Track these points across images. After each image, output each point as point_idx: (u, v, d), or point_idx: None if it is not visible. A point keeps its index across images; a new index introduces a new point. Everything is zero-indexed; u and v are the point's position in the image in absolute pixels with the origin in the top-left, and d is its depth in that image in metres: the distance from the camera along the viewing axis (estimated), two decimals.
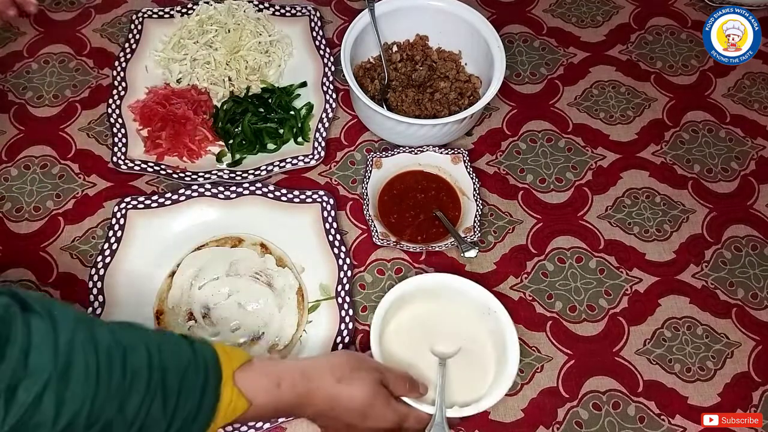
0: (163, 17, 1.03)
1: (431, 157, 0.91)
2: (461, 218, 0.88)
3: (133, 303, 0.80)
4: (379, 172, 0.89)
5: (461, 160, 0.90)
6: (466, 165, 0.90)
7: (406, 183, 0.90)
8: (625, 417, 0.77)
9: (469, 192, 0.89)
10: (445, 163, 0.91)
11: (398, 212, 0.88)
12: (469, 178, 0.89)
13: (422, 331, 0.77)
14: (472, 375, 0.74)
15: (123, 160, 0.89)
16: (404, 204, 0.88)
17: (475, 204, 0.87)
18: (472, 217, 0.86)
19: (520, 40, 1.08)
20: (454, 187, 0.90)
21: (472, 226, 0.85)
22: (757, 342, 0.82)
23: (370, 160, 0.90)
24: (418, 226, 0.87)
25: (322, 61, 1.00)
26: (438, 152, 0.91)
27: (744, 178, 0.95)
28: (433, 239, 0.86)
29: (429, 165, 0.91)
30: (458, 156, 0.91)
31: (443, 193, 0.90)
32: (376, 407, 0.64)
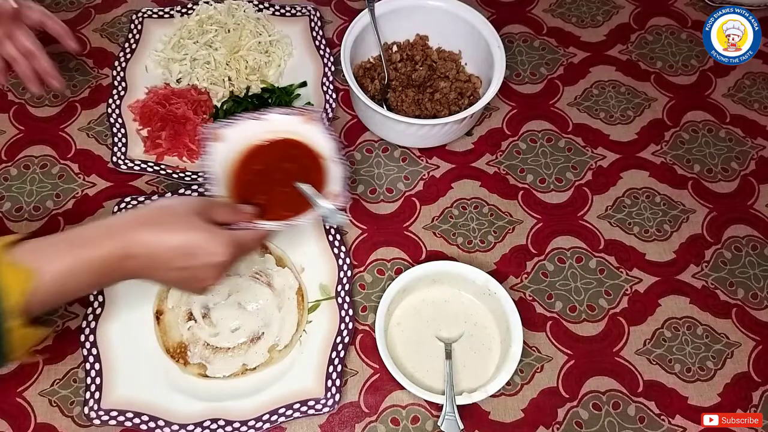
0: (163, 17, 1.03)
1: (280, 121, 0.80)
2: (325, 184, 0.76)
3: (133, 303, 0.80)
4: (224, 146, 0.77)
5: (315, 119, 0.79)
6: (324, 123, 0.80)
7: (272, 155, 0.79)
8: (625, 417, 0.77)
9: (330, 153, 0.78)
10: (297, 126, 0.80)
11: (268, 191, 0.76)
12: (328, 137, 0.79)
13: (426, 318, 0.81)
14: (478, 358, 0.78)
15: (123, 160, 0.89)
16: (271, 180, 0.77)
17: (340, 166, 0.76)
18: (339, 180, 0.76)
19: (520, 40, 1.08)
20: (313, 150, 0.79)
21: (338, 191, 0.74)
22: (757, 342, 0.82)
23: (206, 133, 0.77)
24: (283, 201, 0.76)
25: (322, 61, 1.00)
26: (284, 114, 0.80)
27: (744, 178, 0.95)
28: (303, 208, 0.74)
29: (279, 131, 0.80)
30: (310, 115, 0.80)
31: (306, 160, 0.79)
32: (200, 241, 0.61)
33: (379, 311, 0.77)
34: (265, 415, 0.74)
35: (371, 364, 0.79)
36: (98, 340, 0.77)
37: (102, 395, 0.74)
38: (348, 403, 0.77)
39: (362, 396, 0.77)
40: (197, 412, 0.74)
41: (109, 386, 0.75)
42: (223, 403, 0.75)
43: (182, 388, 0.76)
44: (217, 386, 0.77)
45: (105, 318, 0.79)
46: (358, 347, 0.80)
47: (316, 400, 0.75)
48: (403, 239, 0.88)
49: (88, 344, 0.77)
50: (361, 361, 0.79)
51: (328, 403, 0.74)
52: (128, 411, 0.73)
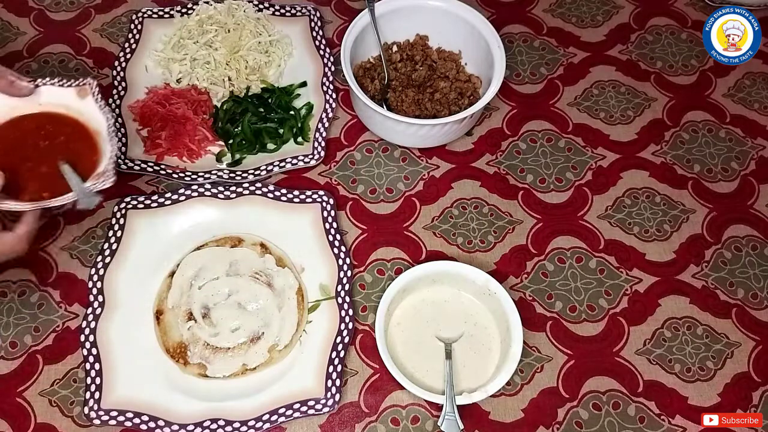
0: (163, 17, 1.03)
1: (52, 93, 0.74)
2: (98, 163, 0.72)
3: (133, 303, 0.81)
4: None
5: (89, 93, 0.74)
6: (96, 98, 0.74)
7: (23, 129, 0.73)
8: (625, 417, 0.77)
9: (103, 129, 0.73)
10: (71, 100, 0.74)
11: (11, 167, 0.69)
12: (101, 113, 0.73)
13: (426, 318, 0.81)
14: (478, 358, 0.78)
15: (123, 160, 0.89)
16: (19, 155, 0.71)
17: (111, 144, 0.71)
18: (107, 159, 0.71)
19: (520, 40, 1.08)
20: (86, 126, 0.74)
21: (103, 171, 0.69)
22: (757, 342, 0.82)
23: None
24: (41, 181, 0.70)
25: (322, 61, 1.00)
26: (57, 85, 0.74)
27: (744, 178, 0.95)
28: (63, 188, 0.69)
29: (53, 104, 0.74)
30: (84, 88, 0.74)
31: (77, 138, 0.74)
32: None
33: (379, 311, 0.77)
34: (265, 415, 0.74)
35: (371, 364, 0.79)
36: (98, 340, 0.77)
37: (102, 395, 0.74)
38: (348, 403, 0.77)
39: (362, 396, 0.77)
40: (197, 412, 0.74)
41: (109, 386, 0.75)
42: (223, 403, 0.75)
43: (182, 388, 0.76)
44: (217, 386, 0.77)
45: (105, 318, 0.79)
46: (358, 347, 0.80)
47: (316, 400, 0.75)
48: (403, 239, 0.88)
49: (88, 344, 0.77)
50: (361, 361, 0.79)
51: (328, 403, 0.74)
52: (128, 411, 0.73)
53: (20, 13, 1.06)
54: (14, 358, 0.78)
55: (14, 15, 1.05)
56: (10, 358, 0.78)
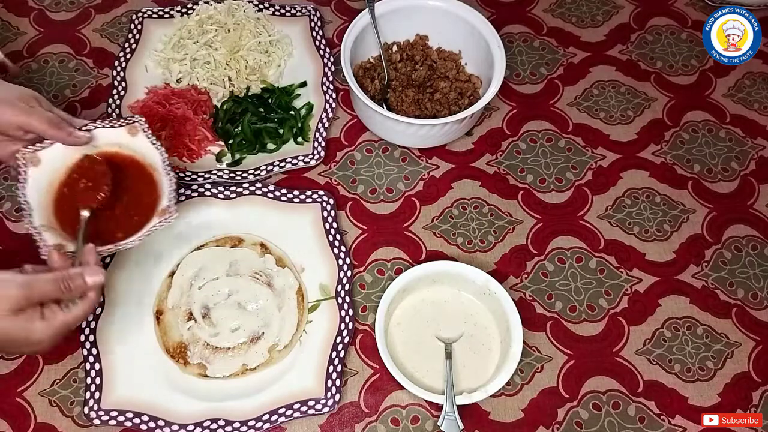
0: (163, 17, 1.03)
1: (102, 135, 0.76)
2: (160, 198, 0.75)
3: (133, 303, 0.81)
4: (40, 169, 0.73)
5: (139, 130, 0.76)
6: (147, 134, 0.77)
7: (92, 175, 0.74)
8: (625, 417, 0.77)
9: (159, 165, 0.76)
10: (123, 138, 0.77)
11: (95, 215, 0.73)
12: (155, 148, 0.76)
13: (426, 318, 0.81)
14: (478, 358, 0.78)
15: None
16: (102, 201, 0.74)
17: (168, 177, 0.74)
18: (167, 194, 0.74)
19: (520, 40, 1.08)
20: (143, 163, 0.77)
21: (167, 206, 0.73)
22: (757, 342, 0.82)
23: (21, 157, 0.72)
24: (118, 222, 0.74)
25: (322, 61, 1.00)
26: (107, 126, 0.76)
27: (744, 178, 0.95)
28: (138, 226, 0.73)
29: (104, 145, 0.76)
30: (134, 126, 0.77)
31: (136, 175, 0.77)
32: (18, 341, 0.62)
33: (379, 311, 0.77)
34: (265, 415, 0.74)
35: (371, 364, 0.79)
36: (98, 340, 0.77)
37: (102, 395, 0.74)
38: (348, 403, 0.77)
39: (362, 396, 0.77)
40: (197, 412, 0.74)
41: (109, 386, 0.75)
42: (223, 403, 0.75)
43: (182, 388, 0.76)
44: (217, 386, 0.77)
45: (105, 318, 0.79)
46: (358, 347, 0.80)
47: (316, 400, 0.75)
48: (403, 239, 0.88)
49: (88, 344, 0.77)
50: (361, 361, 0.79)
51: (328, 403, 0.74)
52: (128, 411, 0.73)
53: (20, 13, 1.06)
54: (14, 358, 0.78)
55: (14, 15, 1.05)
56: (10, 358, 0.78)
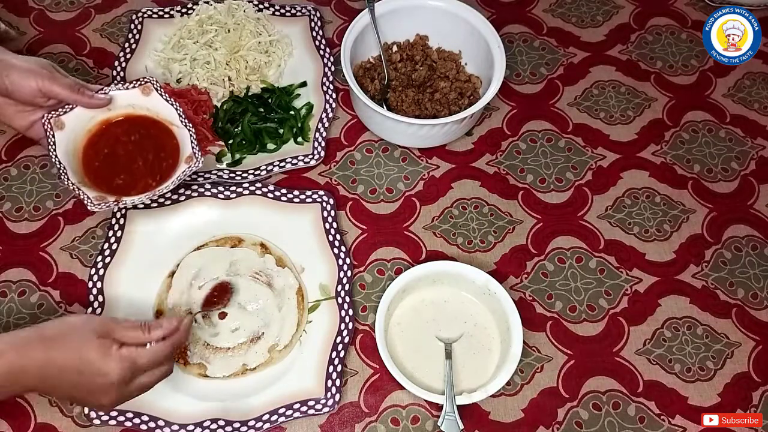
0: (163, 17, 1.03)
1: (118, 96, 0.83)
2: (181, 149, 0.83)
3: (133, 303, 0.81)
4: (65, 133, 0.79)
5: (152, 89, 0.83)
6: (160, 92, 0.83)
7: (112, 137, 0.83)
8: (625, 417, 0.77)
9: (175, 119, 0.83)
10: (136, 99, 0.83)
11: (124, 169, 0.81)
12: (169, 105, 0.83)
13: (426, 318, 0.81)
14: (478, 358, 0.78)
15: None
16: (124, 157, 0.82)
17: (186, 129, 0.82)
18: (188, 143, 0.81)
19: (520, 40, 1.08)
20: (158, 119, 0.84)
21: (192, 152, 0.80)
22: (757, 342, 0.82)
23: (47, 122, 0.78)
24: (150, 170, 0.81)
25: (322, 61, 1.00)
26: (122, 89, 0.83)
27: (744, 178, 0.95)
28: (168, 173, 0.81)
29: (119, 107, 0.83)
30: (147, 86, 0.83)
31: (152, 129, 0.84)
32: (91, 360, 0.61)
33: (379, 311, 0.77)
34: (265, 415, 0.74)
35: (371, 364, 0.79)
36: None
37: None
38: (348, 403, 0.77)
39: (362, 396, 0.77)
40: (197, 412, 0.74)
41: None
42: (223, 403, 0.75)
43: (182, 388, 0.76)
44: (217, 386, 0.77)
45: None
46: (358, 347, 0.80)
47: (316, 400, 0.75)
48: (403, 239, 0.88)
49: None
50: (361, 361, 0.79)
51: (328, 403, 0.74)
52: (128, 411, 0.73)
53: (20, 13, 1.06)
54: None
55: (14, 15, 1.05)
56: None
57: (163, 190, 0.78)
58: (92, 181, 0.79)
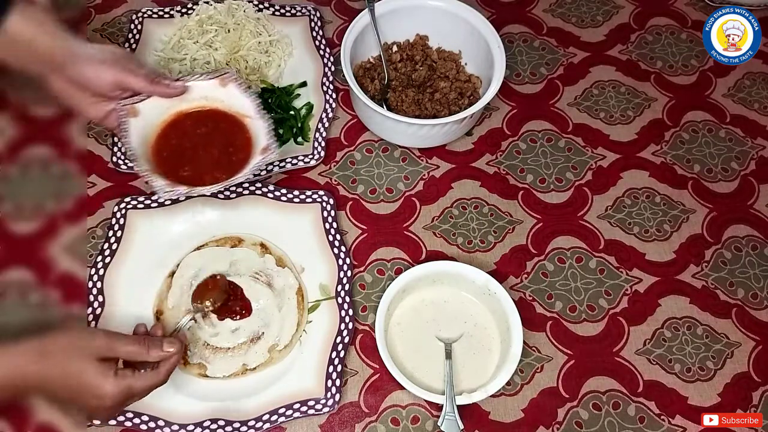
0: (163, 17, 1.03)
1: (195, 88, 0.82)
2: (253, 140, 0.81)
3: (133, 303, 0.81)
4: (139, 121, 0.78)
5: (229, 81, 0.82)
6: (237, 84, 0.82)
7: (181, 129, 0.82)
8: (625, 417, 0.77)
9: (251, 111, 0.82)
10: (212, 91, 0.82)
11: (189, 161, 0.80)
12: (245, 96, 0.82)
13: (426, 318, 0.81)
14: (478, 358, 0.78)
15: (123, 160, 0.89)
16: (190, 150, 0.81)
17: (263, 121, 0.80)
18: (264, 135, 0.80)
19: (520, 40, 1.08)
20: (230, 112, 0.83)
21: (267, 144, 0.79)
22: (757, 342, 0.82)
23: (122, 110, 0.77)
24: (218, 164, 0.80)
25: (322, 61, 1.00)
26: (200, 80, 0.82)
27: (744, 178, 0.95)
28: (237, 168, 0.79)
29: (194, 98, 0.82)
30: (225, 77, 0.82)
31: (223, 123, 0.83)
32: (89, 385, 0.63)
33: (379, 311, 0.77)
34: (265, 415, 0.74)
35: (371, 364, 0.79)
36: None
37: None
38: (348, 403, 0.77)
39: (362, 396, 0.77)
40: (197, 412, 0.74)
41: None
42: (223, 403, 0.75)
43: (182, 388, 0.76)
44: (217, 386, 0.77)
45: (105, 318, 0.79)
46: (358, 347, 0.80)
47: (316, 400, 0.75)
48: (403, 239, 0.88)
49: None
50: (361, 361, 0.79)
51: (328, 403, 0.75)
52: (128, 411, 0.73)
53: None
54: None
55: None
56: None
57: (236, 180, 0.76)
58: (160, 170, 0.77)
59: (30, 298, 0.81)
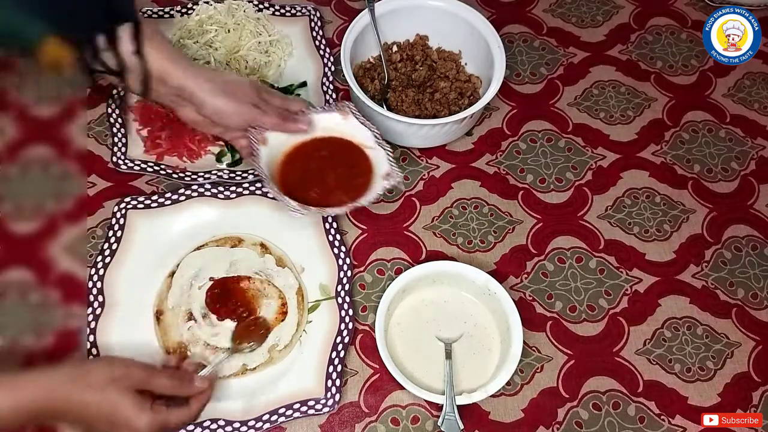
0: (163, 17, 1.03)
1: (317, 120, 0.86)
2: (373, 167, 0.84)
3: (133, 303, 0.80)
4: (268, 149, 0.82)
5: (349, 113, 0.86)
6: (356, 115, 0.85)
7: (305, 153, 0.85)
8: (625, 417, 0.77)
9: (370, 141, 0.85)
10: (333, 122, 0.86)
11: (318, 183, 0.83)
12: (365, 127, 0.85)
13: (425, 318, 0.81)
14: (478, 358, 0.78)
15: (123, 160, 0.89)
16: (316, 172, 0.84)
17: (383, 149, 0.84)
18: (386, 161, 0.83)
19: (520, 40, 1.08)
20: (353, 142, 0.86)
21: (390, 169, 0.82)
22: (757, 342, 0.82)
23: (253, 137, 0.82)
24: (342, 186, 0.83)
25: (322, 61, 1.00)
26: (323, 112, 0.86)
27: (744, 178, 0.95)
28: (360, 191, 0.82)
29: (317, 129, 0.86)
30: (345, 110, 0.86)
31: (344, 149, 0.86)
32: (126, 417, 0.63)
33: (379, 311, 0.77)
34: (265, 415, 0.74)
35: (371, 364, 0.79)
36: (98, 340, 0.77)
37: None
38: (348, 403, 0.77)
39: (362, 396, 0.77)
40: None
41: None
42: (223, 403, 0.75)
43: None
44: (217, 386, 0.77)
45: (105, 318, 0.79)
46: (358, 347, 0.80)
47: (316, 400, 0.75)
48: (403, 239, 0.88)
49: (88, 344, 0.77)
50: (361, 361, 0.79)
51: (328, 403, 0.75)
52: None
53: None
54: None
55: None
56: None
57: (362, 203, 0.80)
58: (289, 193, 0.80)
59: (30, 298, 0.81)
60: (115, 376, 0.64)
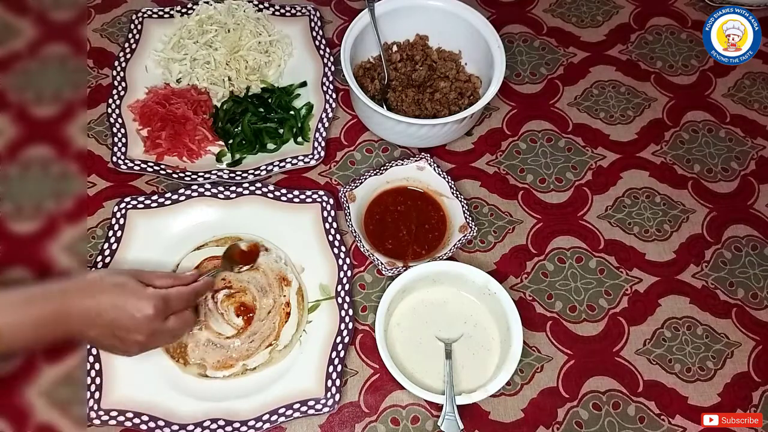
0: (163, 17, 1.03)
1: (396, 172, 0.89)
2: (449, 219, 0.87)
3: None
4: (355, 205, 0.86)
5: (427, 164, 0.89)
6: (433, 167, 0.89)
7: (382, 205, 0.89)
8: (625, 417, 0.77)
9: (446, 191, 0.88)
10: (411, 173, 0.90)
11: (391, 236, 0.86)
12: (441, 178, 0.88)
13: (426, 318, 0.81)
14: (478, 358, 0.78)
15: (123, 160, 0.89)
16: (391, 225, 0.87)
17: (458, 200, 0.87)
18: (461, 213, 0.86)
19: (520, 40, 1.08)
20: (427, 191, 0.89)
21: (466, 222, 0.85)
22: (757, 342, 0.82)
23: (344, 196, 0.86)
24: (416, 240, 0.86)
25: (322, 61, 1.00)
26: (401, 165, 0.89)
27: (744, 178, 0.95)
28: (433, 245, 0.85)
29: (395, 180, 0.90)
30: (421, 161, 0.89)
31: (419, 201, 0.89)
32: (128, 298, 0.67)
33: (379, 311, 0.77)
34: (265, 415, 0.74)
35: (371, 364, 0.79)
36: None
37: (102, 395, 0.74)
38: (348, 403, 0.77)
39: (362, 396, 0.77)
40: (197, 412, 0.74)
41: (109, 386, 0.75)
42: (223, 403, 0.75)
43: (182, 388, 0.76)
44: (217, 386, 0.77)
45: None
46: (358, 347, 0.80)
47: (316, 400, 0.75)
48: None
49: (87, 344, 0.77)
50: (361, 361, 0.79)
51: (328, 403, 0.75)
52: (128, 411, 0.73)
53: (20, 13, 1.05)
54: None
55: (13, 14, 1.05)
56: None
57: (441, 255, 0.83)
58: (369, 243, 0.84)
59: None
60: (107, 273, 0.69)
